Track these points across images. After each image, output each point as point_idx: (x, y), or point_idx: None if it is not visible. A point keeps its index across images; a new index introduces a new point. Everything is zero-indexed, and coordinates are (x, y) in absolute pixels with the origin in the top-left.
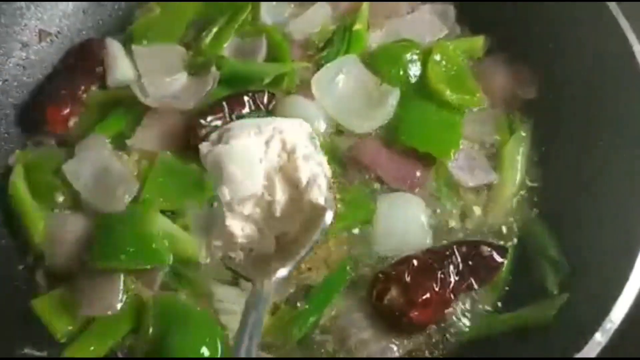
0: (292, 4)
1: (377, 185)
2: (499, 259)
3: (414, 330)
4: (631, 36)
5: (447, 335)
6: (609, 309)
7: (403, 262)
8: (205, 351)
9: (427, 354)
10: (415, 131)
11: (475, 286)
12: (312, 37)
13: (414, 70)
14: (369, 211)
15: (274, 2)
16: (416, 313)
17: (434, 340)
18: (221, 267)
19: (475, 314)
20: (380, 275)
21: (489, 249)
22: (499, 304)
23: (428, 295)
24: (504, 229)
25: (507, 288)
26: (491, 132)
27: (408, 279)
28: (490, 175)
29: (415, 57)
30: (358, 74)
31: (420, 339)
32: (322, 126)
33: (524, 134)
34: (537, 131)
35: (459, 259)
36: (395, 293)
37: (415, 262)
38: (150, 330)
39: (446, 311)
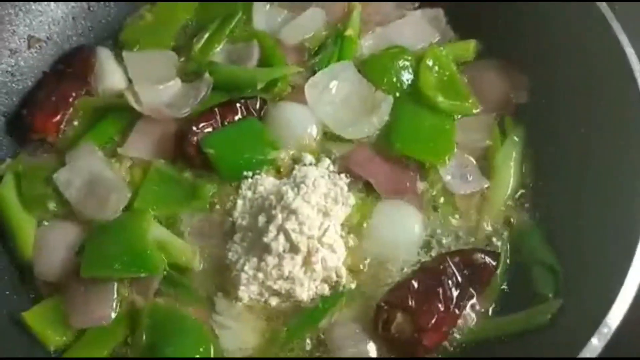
0: (285, 10)
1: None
2: (492, 263)
3: (427, 355)
4: (622, 37)
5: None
6: (605, 313)
7: (402, 286)
8: None
9: None
10: (409, 138)
11: (475, 295)
12: (305, 42)
13: (406, 77)
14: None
15: (267, 8)
16: (428, 338)
17: None
18: (216, 275)
19: (470, 319)
20: (383, 304)
21: (482, 255)
22: (494, 309)
23: (436, 317)
24: (498, 234)
25: (502, 293)
26: (483, 138)
27: (412, 303)
28: (482, 182)
29: (407, 63)
30: (352, 80)
31: None
32: (314, 132)
33: (516, 139)
34: (530, 135)
35: (455, 272)
36: (402, 320)
37: (414, 284)
38: (144, 338)
39: (455, 327)
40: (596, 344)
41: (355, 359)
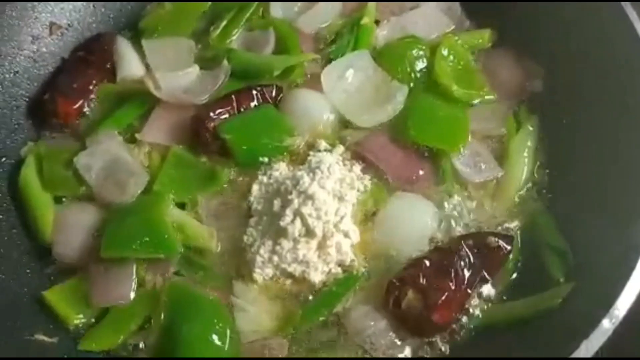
0: None
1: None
2: (506, 247)
3: (437, 331)
4: (639, 27)
5: (454, 326)
6: (616, 296)
7: (414, 264)
8: (215, 338)
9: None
10: (424, 126)
11: (488, 277)
12: (322, 31)
13: (421, 66)
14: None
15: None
16: (438, 315)
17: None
18: (232, 257)
19: (482, 303)
20: (395, 281)
21: (496, 239)
22: (506, 293)
23: (446, 295)
24: (511, 221)
25: (514, 278)
26: (497, 126)
27: (423, 281)
28: (496, 170)
29: (421, 52)
30: (368, 69)
31: None
32: (329, 119)
33: (530, 128)
34: (544, 124)
35: (468, 253)
36: (412, 297)
37: (427, 262)
38: (162, 317)
39: (465, 307)
40: (607, 326)
41: (359, 358)
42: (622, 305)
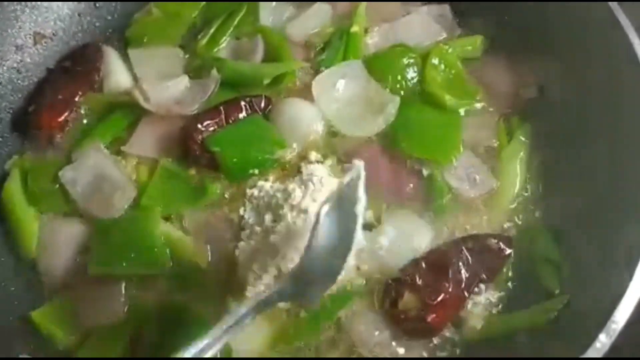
0: (290, 6)
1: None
2: (506, 249)
3: (432, 333)
4: (632, 34)
5: (448, 338)
6: (612, 309)
7: (412, 265)
8: None
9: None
10: (415, 137)
11: (486, 280)
12: (311, 38)
13: (412, 75)
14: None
15: (273, 4)
16: (433, 316)
17: (434, 342)
18: (224, 273)
19: (476, 315)
20: (391, 282)
21: (495, 241)
22: (500, 305)
23: (443, 295)
24: (504, 232)
25: (507, 290)
26: (489, 137)
27: (420, 281)
28: (490, 182)
29: (412, 61)
30: (360, 79)
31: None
32: (320, 128)
33: (523, 138)
34: (537, 133)
35: (467, 255)
36: (409, 298)
37: (423, 263)
38: (152, 336)
39: (462, 309)
40: (604, 340)
41: (359, 359)
42: (619, 319)
